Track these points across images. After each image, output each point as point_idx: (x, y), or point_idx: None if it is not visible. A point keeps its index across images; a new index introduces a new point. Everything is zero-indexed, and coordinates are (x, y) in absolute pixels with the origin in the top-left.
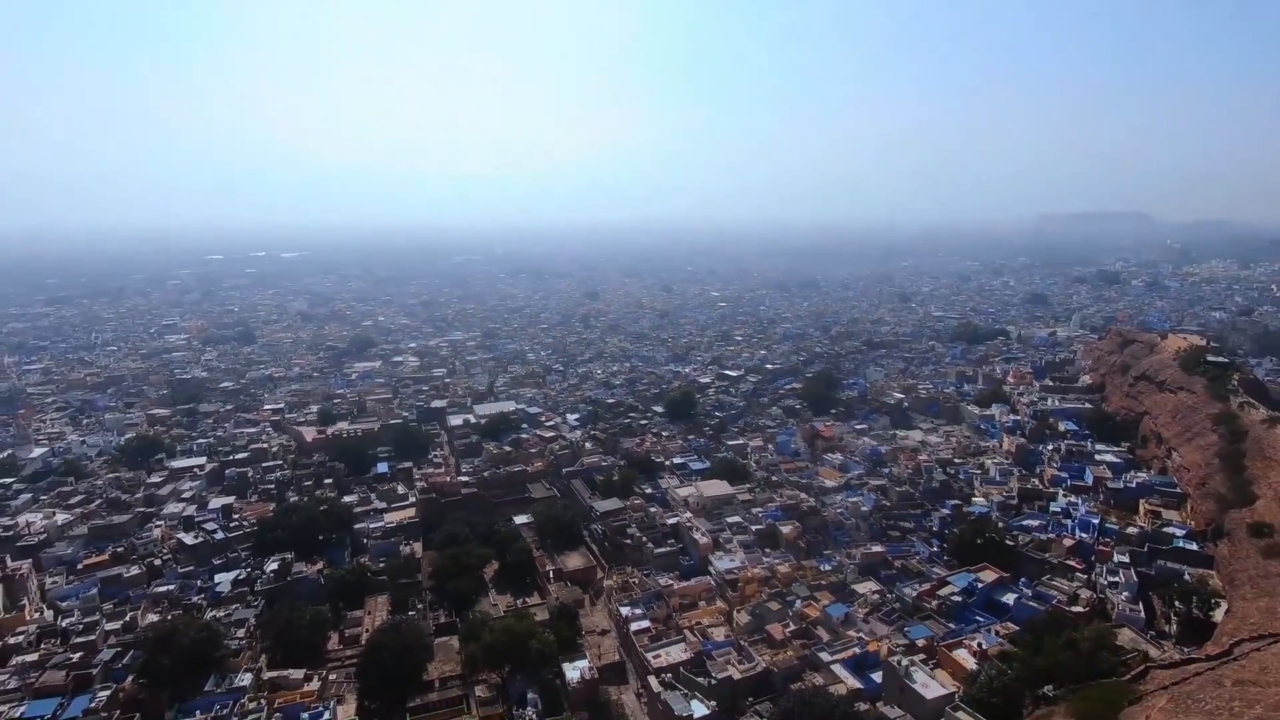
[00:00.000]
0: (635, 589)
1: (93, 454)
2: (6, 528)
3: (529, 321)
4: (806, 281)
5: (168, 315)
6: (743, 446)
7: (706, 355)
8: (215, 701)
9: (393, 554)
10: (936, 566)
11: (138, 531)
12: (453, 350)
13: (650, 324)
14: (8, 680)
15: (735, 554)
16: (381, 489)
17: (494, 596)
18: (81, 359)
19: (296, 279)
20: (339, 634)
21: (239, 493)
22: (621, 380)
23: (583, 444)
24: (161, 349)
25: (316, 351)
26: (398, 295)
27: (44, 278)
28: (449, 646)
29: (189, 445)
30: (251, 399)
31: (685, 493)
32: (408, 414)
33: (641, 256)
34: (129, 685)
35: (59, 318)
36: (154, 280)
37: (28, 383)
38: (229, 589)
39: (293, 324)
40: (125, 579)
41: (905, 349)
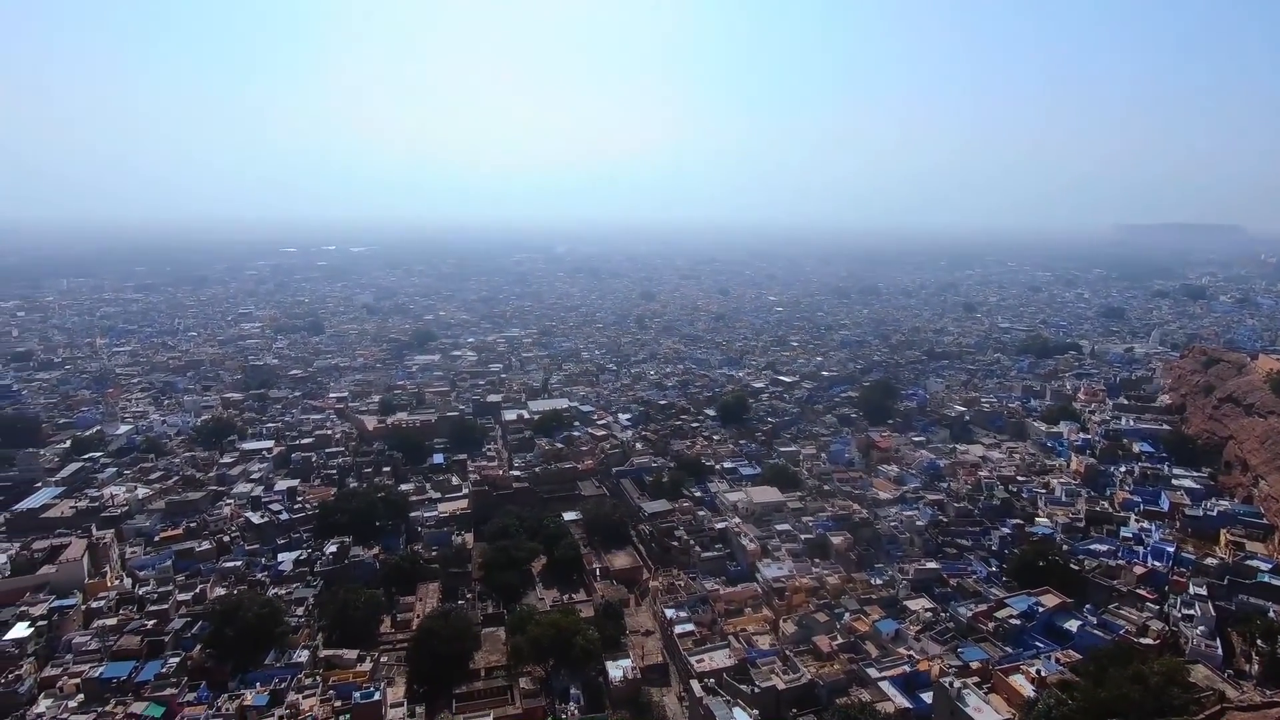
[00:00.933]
0: (681, 591)
1: (172, 433)
2: (93, 499)
3: (585, 320)
4: (867, 288)
5: (244, 304)
6: (795, 453)
7: (761, 360)
8: (275, 675)
9: (445, 543)
10: (994, 587)
11: (210, 509)
12: (510, 346)
13: (705, 326)
14: (89, 641)
15: (783, 562)
16: (436, 479)
17: (541, 591)
18: (165, 343)
19: (364, 273)
20: (391, 618)
21: (303, 476)
22: (674, 382)
23: (633, 444)
24: (237, 336)
25: (380, 343)
26: (459, 291)
27: (134, 265)
28: (495, 637)
29: (259, 429)
30: (318, 387)
31: (735, 498)
32: (464, 407)
33: (699, 258)
34: (197, 654)
35: (147, 304)
36: (233, 270)
37: (116, 364)
38: (290, 568)
39: (358, 316)
40: (197, 553)
41: (969, 360)
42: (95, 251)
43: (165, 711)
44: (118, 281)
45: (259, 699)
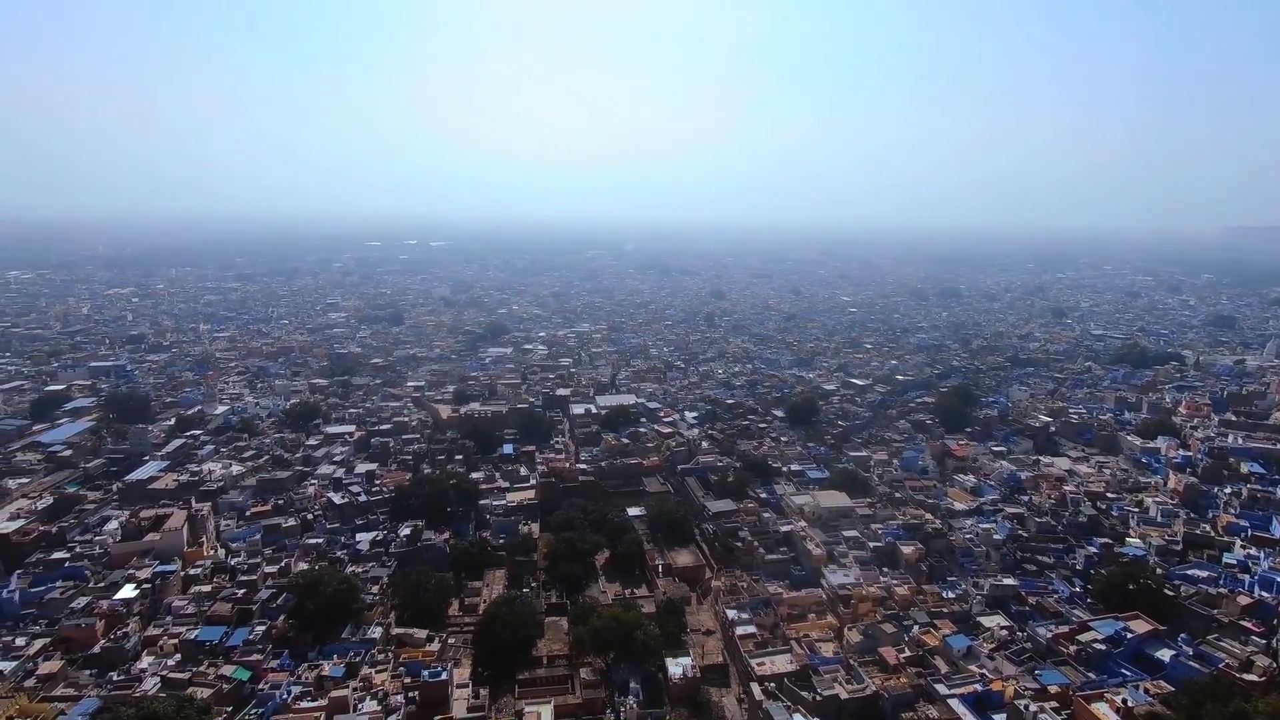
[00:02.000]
0: (743, 593)
1: (264, 415)
2: (194, 473)
3: (654, 317)
4: (947, 290)
5: (331, 295)
6: (865, 459)
7: (833, 361)
8: (350, 648)
9: (512, 532)
10: (1077, 609)
11: (296, 487)
12: (579, 341)
13: (776, 326)
14: (187, 605)
15: (850, 569)
16: (506, 469)
17: (603, 584)
18: (260, 330)
19: (442, 266)
20: (459, 601)
21: (381, 460)
22: (742, 381)
23: (699, 442)
24: (324, 325)
25: (456, 335)
26: (532, 285)
27: (235, 256)
28: (558, 627)
29: (342, 414)
30: (397, 375)
31: (801, 501)
32: (534, 400)
33: (771, 257)
34: (281, 624)
35: (245, 292)
36: (322, 263)
37: (216, 348)
38: (367, 548)
39: (436, 308)
40: (283, 529)
41: (1056, 368)
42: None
43: (252, 675)
44: (219, 271)
45: (335, 670)
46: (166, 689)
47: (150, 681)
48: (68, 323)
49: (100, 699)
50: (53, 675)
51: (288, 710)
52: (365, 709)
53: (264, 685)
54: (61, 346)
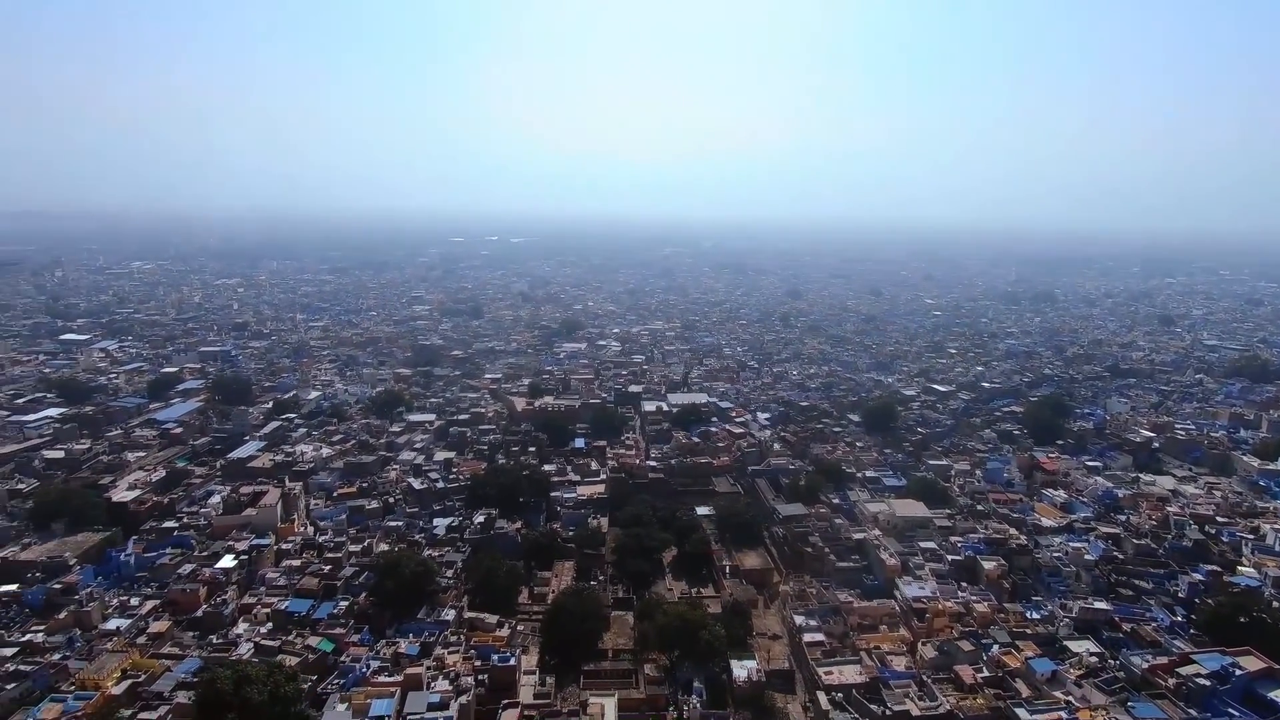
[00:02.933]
0: (812, 599)
1: (352, 401)
2: (288, 454)
3: (728, 316)
4: (1041, 294)
5: (416, 288)
6: (946, 468)
7: (913, 366)
8: (425, 628)
9: (581, 525)
10: (1178, 639)
11: (379, 472)
12: (653, 339)
13: (854, 328)
14: (279, 578)
15: (926, 582)
16: (577, 462)
17: (670, 581)
18: (350, 321)
19: (521, 262)
20: (529, 590)
21: (458, 449)
22: (818, 383)
23: (771, 444)
24: (409, 317)
25: (532, 330)
26: (607, 282)
27: (329, 250)
28: (624, 621)
29: (423, 402)
30: (475, 367)
31: (876, 509)
32: (606, 395)
33: (850, 257)
34: (362, 600)
35: (337, 285)
36: (409, 257)
37: (311, 337)
38: (443, 533)
39: (514, 303)
40: (367, 510)
41: (1162, 380)
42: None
43: (335, 648)
44: (315, 264)
45: (411, 649)
46: (259, 655)
47: (245, 646)
48: (182, 310)
49: (201, 659)
50: (161, 635)
51: (366, 683)
52: (438, 687)
53: (345, 658)
54: (176, 332)
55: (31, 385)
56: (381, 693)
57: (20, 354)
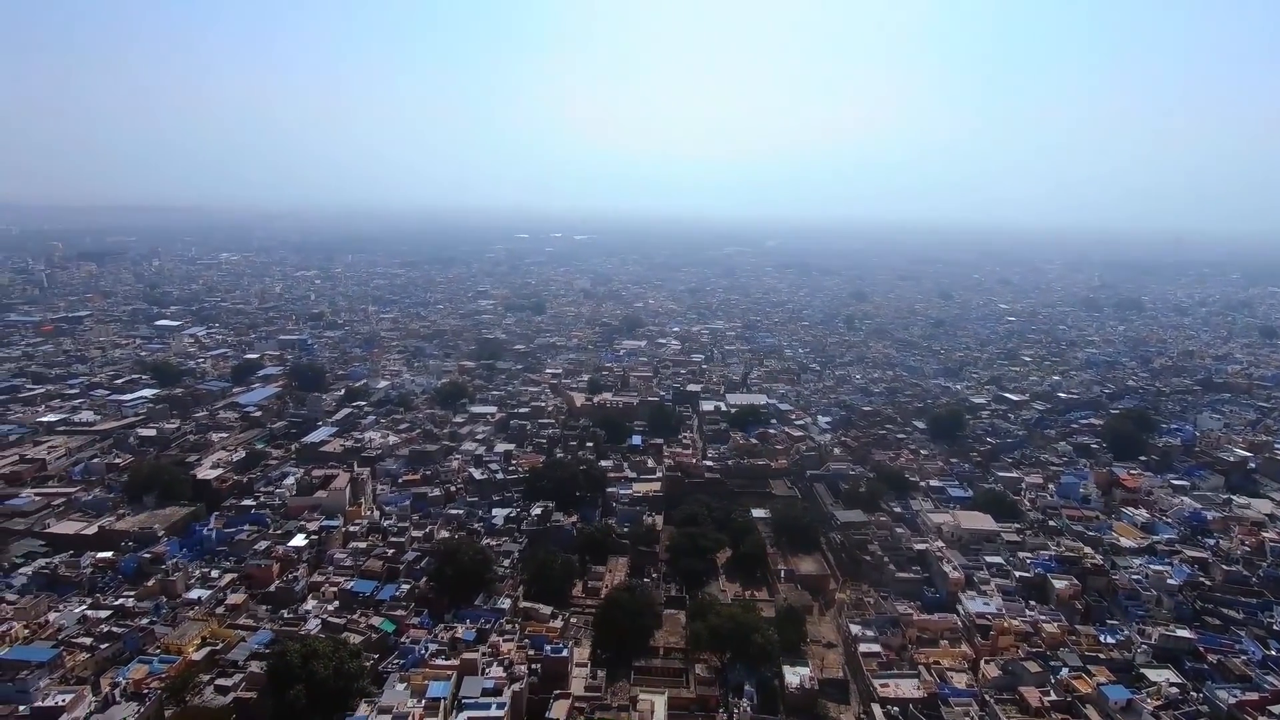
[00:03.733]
0: (869, 609)
1: (418, 391)
2: (357, 440)
3: (790, 317)
4: (1126, 301)
5: (481, 283)
6: (1016, 481)
7: (984, 373)
8: (481, 615)
9: (636, 521)
10: (1271, 675)
11: (442, 461)
12: (713, 338)
13: (921, 332)
14: (346, 558)
15: (991, 598)
16: (633, 459)
17: (724, 583)
18: (418, 313)
19: (584, 259)
20: (583, 584)
21: (518, 442)
22: (881, 388)
23: (831, 448)
24: (474, 311)
25: (593, 326)
26: (668, 280)
27: (400, 245)
28: (675, 619)
29: (485, 395)
30: (536, 362)
31: (940, 519)
32: (664, 394)
33: (920, 258)
34: (423, 585)
35: (407, 278)
36: (475, 252)
37: (381, 328)
38: (501, 523)
39: (576, 299)
40: (429, 498)
41: (1261, 396)
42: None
43: (396, 629)
44: (387, 258)
45: (467, 634)
46: (325, 631)
47: (313, 622)
48: (264, 300)
49: (273, 632)
50: (237, 606)
51: (424, 665)
52: (492, 674)
53: (405, 639)
54: (258, 320)
55: (129, 367)
56: (438, 675)
57: (121, 337)
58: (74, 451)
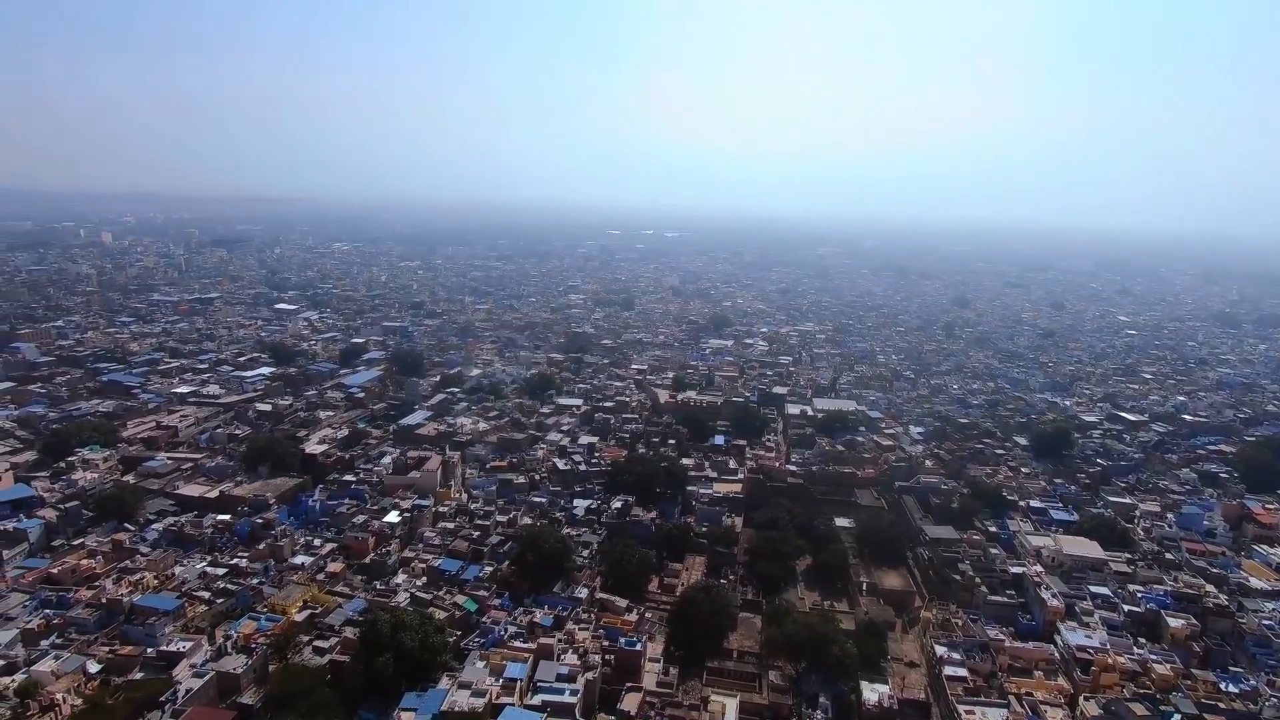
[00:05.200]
0: (957, 630)
1: (508, 381)
2: (449, 425)
3: (885, 321)
4: (1268, 317)
5: (573, 278)
6: (1129, 507)
7: (1097, 389)
8: (559, 603)
9: (715, 521)
10: None
11: (528, 449)
12: (802, 340)
13: (1028, 342)
14: (435, 537)
15: (1094, 631)
16: (715, 459)
17: (802, 590)
18: (511, 305)
19: (674, 256)
20: (659, 579)
21: (601, 435)
22: (981, 400)
23: (922, 460)
24: (565, 305)
25: (680, 324)
26: (759, 280)
27: (497, 239)
28: (751, 623)
29: (572, 387)
30: (623, 357)
31: (1039, 542)
32: (749, 395)
33: (1030, 264)
34: (505, 568)
35: (503, 271)
36: (568, 247)
37: (476, 319)
38: (582, 514)
39: (665, 296)
40: (514, 484)
41: None
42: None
43: (478, 608)
44: (485, 251)
45: (545, 620)
46: (413, 605)
47: (403, 595)
48: (370, 288)
49: (366, 601)
50: (336, 574)
51: (503, 646)
52: (567, 660)
53: (486, 619)
54: (364, 307)
55: (251, 346)
56: (516, 656)
57: (245, 319)
58: (201, 421)
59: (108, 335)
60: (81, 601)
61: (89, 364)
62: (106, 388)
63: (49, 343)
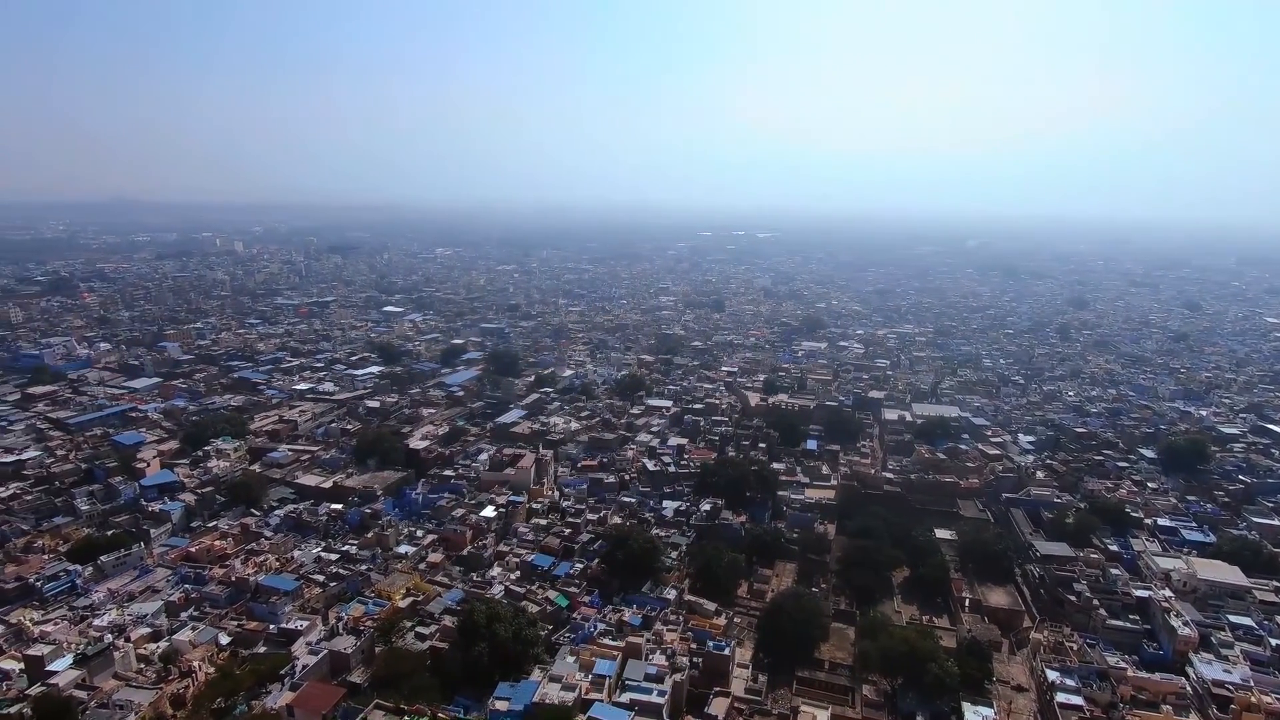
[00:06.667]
0: (1071, 655)
1: (599, 382)
2: (543, 424)
3: (992, 324)
4: None
5: (663, 280)
6: (1277, 530)
7: (1239, 399)
8: (648, 603)
9: (807, 528)
10: None
11: (618, 449)
12: (900, 343)
13: (1156, 347)
14: (528, 533)
15: (1234, 665)
16: (807, 464)
17: (899, 603)
18: (603, 307)
19: (766, 257)
20: (748, 584)
21: (691, 437)
22: (1100, 409)
23: (1032, 471)
24: (655, 306)
25: (772, 326)
26: (854, 280)
27: (590, 242)
28: (843, 634)
29: (662, 389)
30: (713, 359)
31: (1169, 565)
32: (844, 399)
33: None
34: (594, 566)
35: (595, 274)
36: (658, 250)
37: (569, 320)
38: (671, 515)
39: (756, 298)
40: (605, 484)
41: None
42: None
43: (569, 604)
44: (577, 254)
45: (633, 619)
46: (507, 597)
47: (497, 588)
48: (469, 291)
49: (463, 591)
50: (436, 565)
51: (593, 642)
52: (655, 660)
53: (576, 615)
54: (464, 309)
55: (362, 346)
56: (605, 654)
57: (356, 320)
58: (318, 416)
59: (238, 336)
60: (214, 579)
61: (223, 362)
62: (237, 384)
63: (190, 342)
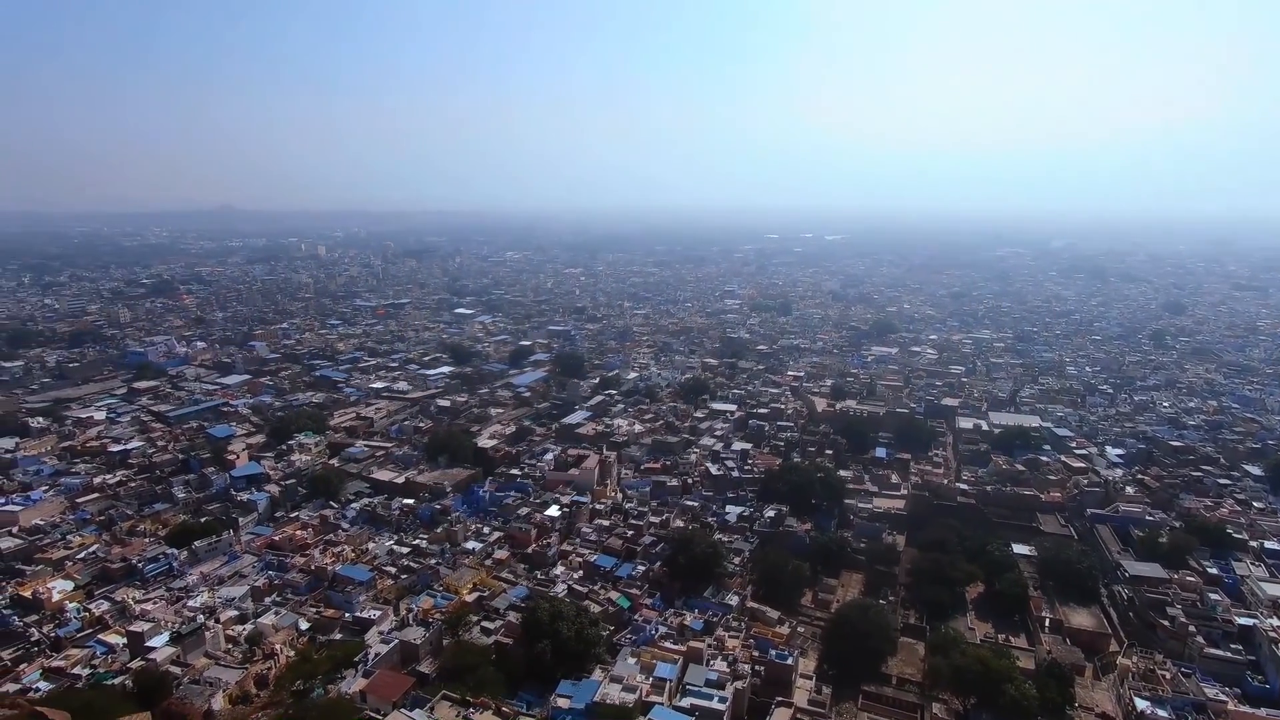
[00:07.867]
0: (1164, 684)
1: (664, 385)
2: (607, 426)
3: (1077, 329)
4: None
5: (729, 283)
6: None
7: None
8: (710, 608)
9: (875, 538)
10: None
11: (681, 453)
12: (976, 349)
13: (1265, 355)
14: (591, 533)
15: None
16: (876, 472)
17: (972, 620)
18: (668, 310)
19: (834, 260)
20: (812, 593)
21: (755, 442)
22: (1199, 421)
23: (1121, 486)
24: (720, 310)
25: (840, 330)
26: (927, 284)
27: (656, 245)
28: (913, 649)
29: (726, 393)
30: (779, 363)
31: (1278, 591)
32: (915, 405)
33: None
34: (657, 568)
35: (660, 277)
36: (724, 253)
37: (634, 323)
38: (734, 520)
39: (824, 302)
40: (667, 487)
41: None
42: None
43: (630, 605)
44: (643, 257)
45: (695, 623)
46: (570, 596)
47: (561, 586)
48: (537, 293)
49: (528, 588)
50: (502, 561)
51: (654, 645)
52: (716, 666)
53: (638, 616)
54: (532, 311)
55: (434, 347)
56: (666, 657)
57: (429, 322)
58: (392, 414)
59: (320, 336)
60: (295, 567)
61: (305, 360)
62: (319, 382)
63: (276, 342)
